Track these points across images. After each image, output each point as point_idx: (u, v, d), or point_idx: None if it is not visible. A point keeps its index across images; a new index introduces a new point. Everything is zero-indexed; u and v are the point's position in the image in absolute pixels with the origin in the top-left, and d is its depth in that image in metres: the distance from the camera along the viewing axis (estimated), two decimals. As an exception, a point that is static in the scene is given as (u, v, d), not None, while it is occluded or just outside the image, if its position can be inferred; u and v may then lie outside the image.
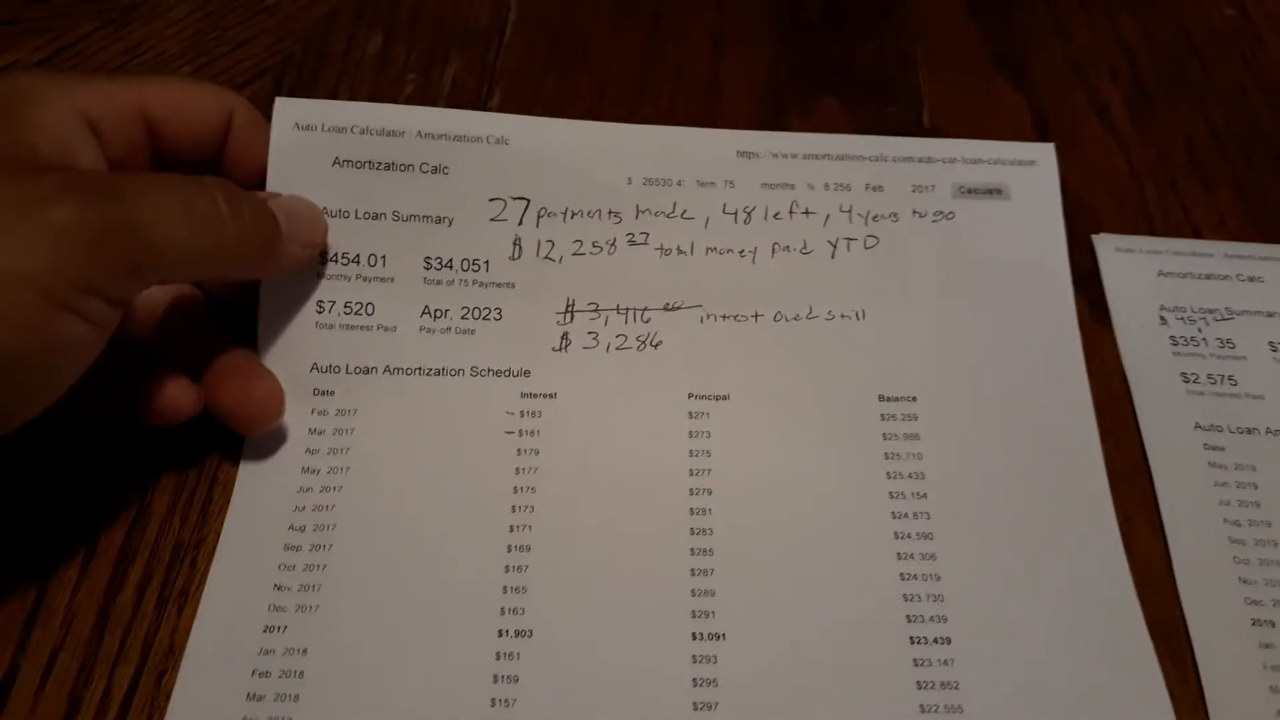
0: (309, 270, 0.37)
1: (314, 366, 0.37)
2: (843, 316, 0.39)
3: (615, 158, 0.40)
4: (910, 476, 0.36)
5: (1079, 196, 0.45)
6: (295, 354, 0.37)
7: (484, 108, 0.48)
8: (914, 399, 0.37)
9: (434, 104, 0.48)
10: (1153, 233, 0.44)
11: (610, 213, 0.40)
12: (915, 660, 0.32)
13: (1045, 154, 0.42)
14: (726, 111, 0.48)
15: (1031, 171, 0.41)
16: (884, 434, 0.37)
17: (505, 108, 0.48)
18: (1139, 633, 0.33)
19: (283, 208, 0.35)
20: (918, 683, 0.32)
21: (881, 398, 0.37)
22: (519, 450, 0.36)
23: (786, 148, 0.41)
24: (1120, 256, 0.43)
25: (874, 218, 0.40)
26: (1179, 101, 0.49)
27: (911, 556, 0.34)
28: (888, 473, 0.36)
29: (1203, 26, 0.52)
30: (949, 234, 0.40)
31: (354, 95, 0.48)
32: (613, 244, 0.39)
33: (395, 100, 0.48)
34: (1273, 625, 0.33)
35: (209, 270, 0.33)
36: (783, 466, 0.36)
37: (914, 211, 0.40)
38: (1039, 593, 0.34)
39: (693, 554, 0.34)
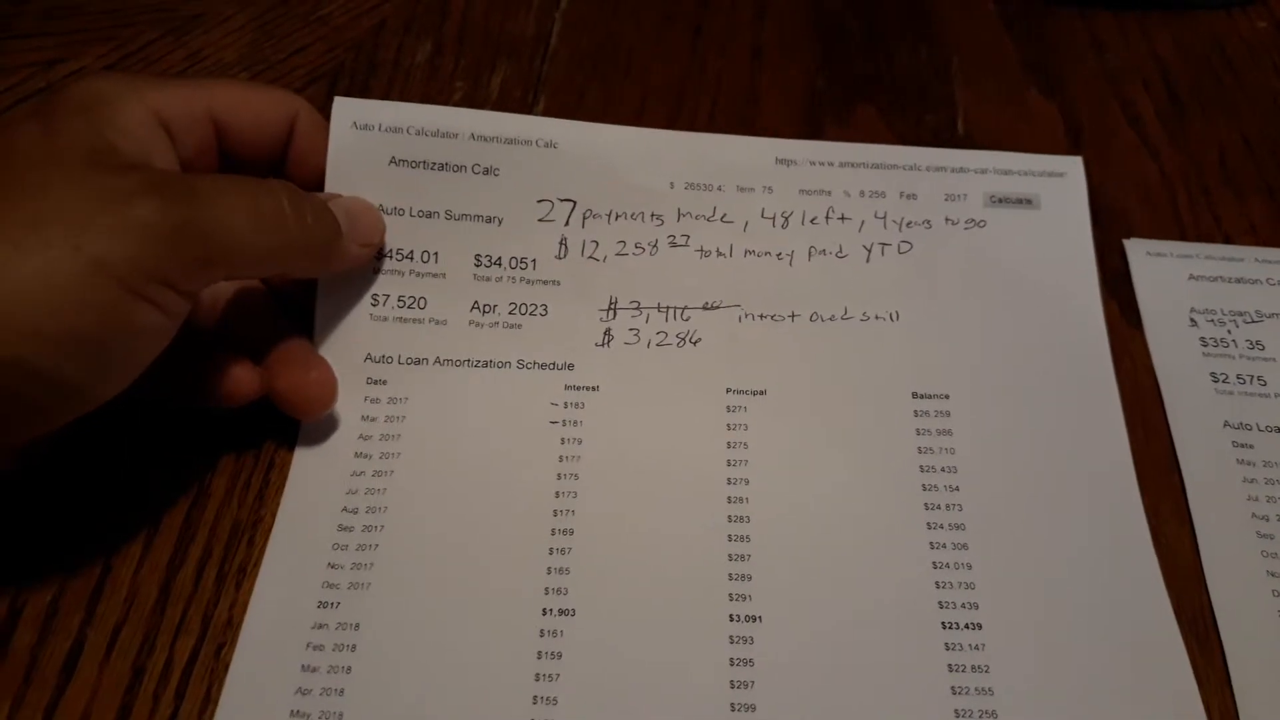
0: (365, 267, 0.39)
1: (368, 357, 0.39)
2: (876, 318, 0.40)
3: (658, 163, 0.42)
4: (943, 470, 0.37)
5: (1112, 203, 0.46)
6: (350, 345, 0.38)
7: (529, 114, 0.49)
8: (946, 396, 0.39)
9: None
10: (1184, 239, 0.45)
11: (653, 215, 0.41)
12: (947, 644, 0.33)
13: (1074, 167, 0.43)
14: (765, 120, 0.50)
15: (1061, 183, 0.43)
16: (917, 429, 0.38)
17: (550, 115, 0.49)
18: (1166, 619, 0.34)
19: (343, 208, 0.37)
20: (949, 665, 0.33)
21: (915, 395, 0.39)
22: (562, 439, 0.37)
23: (823, 156, 0.43)
24: (1151, 261, 0.44)
25: (907, 224, 0.41)
26: (1212, 112, 0.50)
27: (944, 546, 0.35)
28: (921, 466, 0.37)
29: (1235, 39, 0.53)
30: (980, 241, 0.41)
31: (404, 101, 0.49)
32: (654, 245, 0.41)
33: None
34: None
35: (273, 267, 0.35)
36: (818, 460, 0.37)
37: (946, 219, 0.42)
38: (1068, 581, 0.34)
39: (730, 540, 0.35)
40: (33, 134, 0.31)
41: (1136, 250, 0.44)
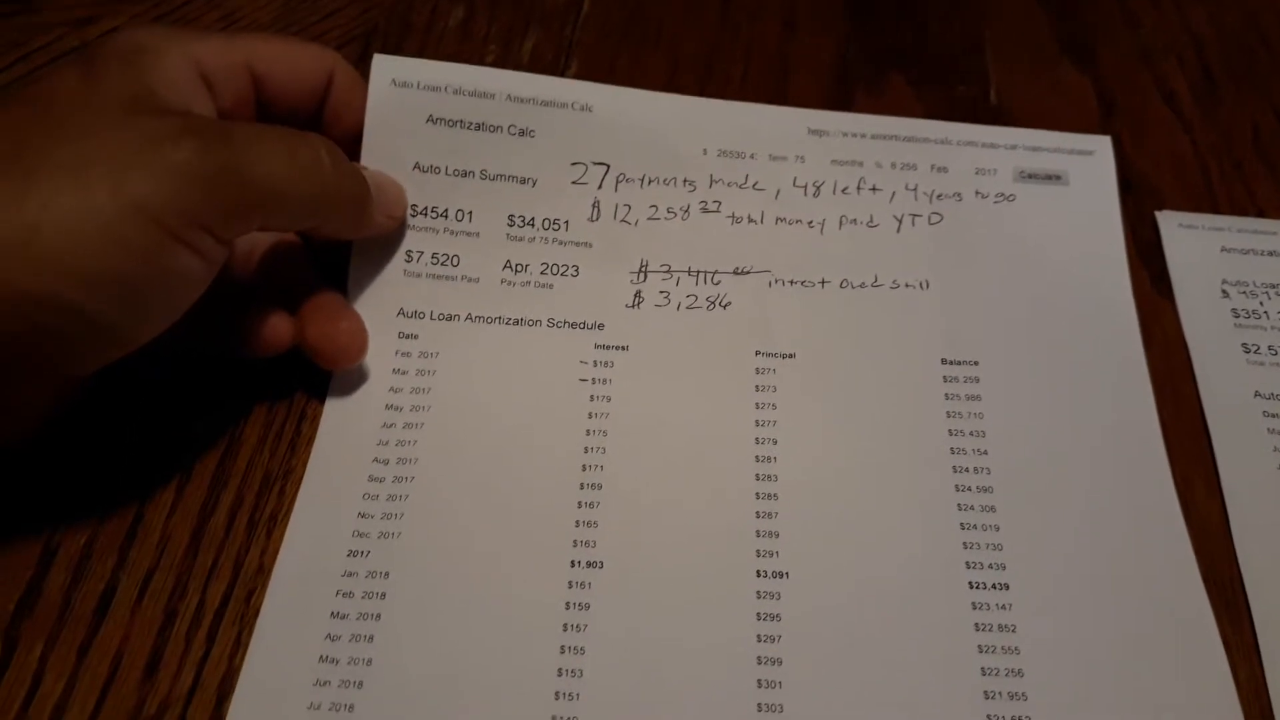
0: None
1: (400, 311, 0.39)
2: (907, 285, 0.40)
3: (692, 129, 0.42)
4: (971, 434, 0.37)
5: (1144, 176, 0.46)
6: (383, 299, 0.39)
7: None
8: (976, 363, 0.39)
9: (514, 73, 0.49)
10: (1217, 213, 0.45)
11: (685, 181, 0.41)
12: (974, 604, 0.33)
13: (1103, 145, 0.44)
14: (795, 89, 0.50)
15: (1089, 161, 0.43)
16: (946, 394, 0.38)
17: (581, 79, 0.49)
18: (1195, 587, 0.34)
19: (372, 178, 0.37)
20: (976, 625, 0.33)
21: (944, 360, 0.39)
22: (591, 397, 0.38)
23: (856, 128, 0.43)
24: (1183, 233, 0.44)
25: (938, 196, 0.42)
26: (1246, 88, 0.50)
27: (971, 508, 0.35)
28: (949, 430, 0.37)
29: (1271, 13, 0.53)
30: (1010, 214, 0.42)
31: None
32: (686, 210, 0.41)
33: (477, 70, 0.49)
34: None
35: (308, 218, 0.35)
36: (846, 423, 0.37)
37: (976, 192, 0.42)
38: (1095, 547, 0.35)
39: (758, 498, 0.36)
40: (74, 81, 0.31)
41: (1169, 222, 0.44)
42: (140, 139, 0.30)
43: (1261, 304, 0.41)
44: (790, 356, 0.39)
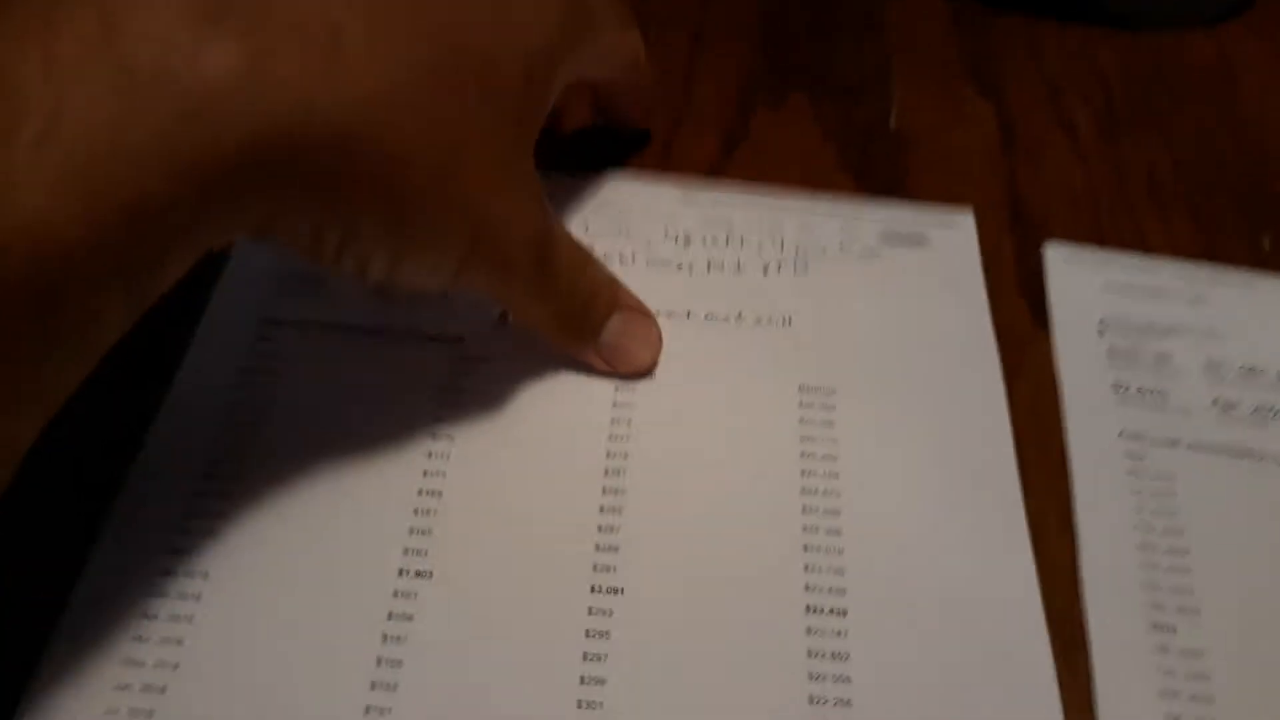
0: None
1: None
2: (770, 321, 0.40)
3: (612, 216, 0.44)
4: (824, 457, 0.36)
5: (1036, 206, 0.45)
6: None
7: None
8: (833, 390, 0.38)
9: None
10: (1103, 246, 0.44)
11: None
12: (809, 629, 0.33)
13: (964, 221, 0.44)
14: (699, 102, 0.49)
15: (952, 232, 0.44)
16: (801, 419, 0.37)
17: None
18: (1037, 628, 0.33)
19: (630, 332, 0.38)
20: (809, 650, 0.32)
21: (801, 387, 0.38)
22: (434, 437, 0.36)
23: (726, 198, 0.44)
24: (1068, 266, 0.43)
25: (804, 250, 0.43)
26: (1146, 132, 0.49)
27: (816, 530, 0.35)
28: (801, 452, 0.36)
29: (1178, 64, 0.53)
30: (875, 267, 0.42)
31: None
32: None
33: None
34: (1173, 631, 0.33)
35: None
36: (702, 447, 0.37)
37: (841, 246, 0.43)
38: (939, 578, 0.34)
39: (600, 531, 0.34)
40: None
41: (1055, 254, 0.44)
42: None
43: (1137, 344, 0.41)
44: (650, 382, 0.38)
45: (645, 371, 0.38)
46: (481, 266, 0.31)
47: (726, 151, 0.47)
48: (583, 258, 0.36)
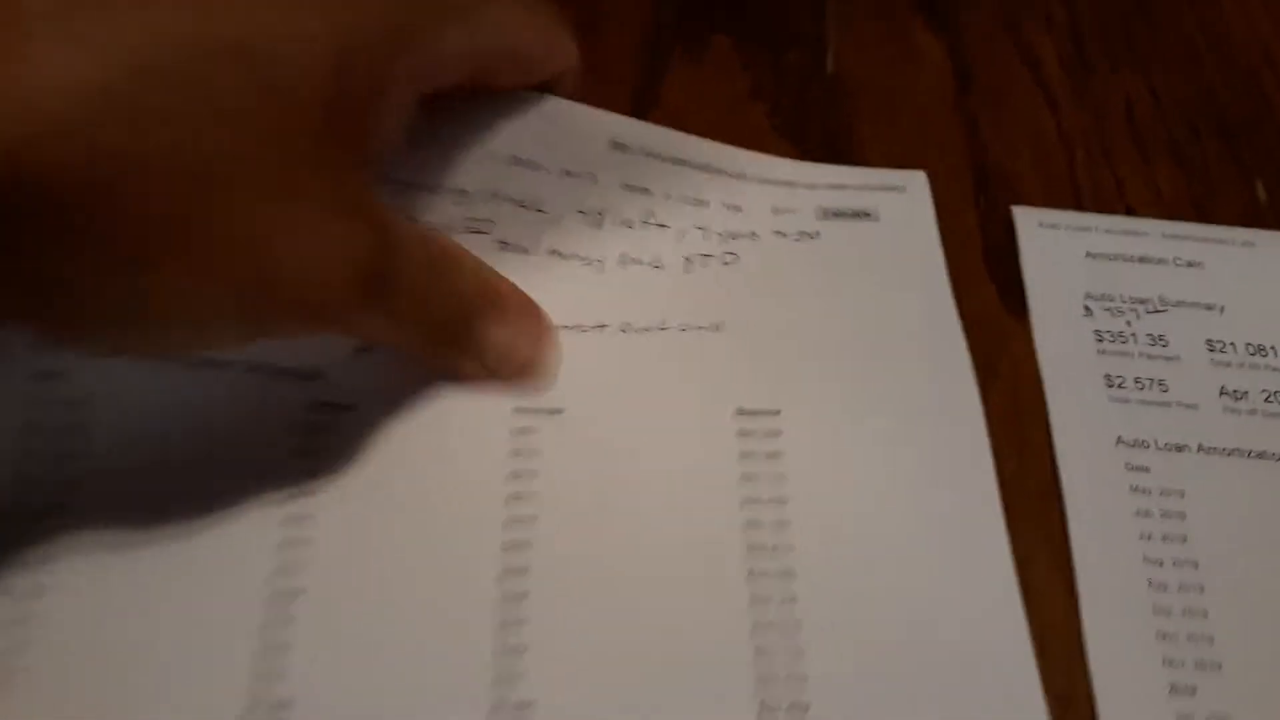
0: None
1: None
2: (698, 328, 0.33)
3: (482, 124, 0.34)
4: (771, 502, 0.30)
5: (1000, 162, 0.39)
6: None
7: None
8: (777, 412, 0.31)
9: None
10: (1080, 206, 0.38)
11: (459, 190, 0.33)
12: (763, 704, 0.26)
13: (915, 182, 0.37)
14: (604, 52, 0.42)
15: (901, 198, 0.37)
16: (741, 451, 0.31)
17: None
18: (1032, 699, 0.27)
19: (521, 340, 0.32)
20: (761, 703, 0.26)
21: (740, 411, 0.31)
22: (300, 474, 0.30)
23: (657, 146, 0.36)
24: (1043, 233, 0.37)
25: (732, 236, 0.35)
26: (1121, 60, 0.43)
27: (768, 601, 0.28)
28: (744, 498, 0.30)
29: (1152, -26, 0.46)
30: (814, 252, 0.35)
31: None
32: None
33: None
34: (1192, 693, 0.28)
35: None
36: (620, 490, 0.30)
37: (775, 231, 0.35)
38: (912, 640, 0.28)
39: (506, 574, 0.28)
40: None
41: (1026, 220, 0.37)
42: None
43: (1129, 323, 0.35)
44: (556, 412, 0.31)
45: (540, 375, 0.32)
46: (284, 316, 0.24)
47: (638, 112, 0.40)
48: (443, 260, 0.29)
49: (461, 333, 0.30)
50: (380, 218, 0.26)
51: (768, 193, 0.36)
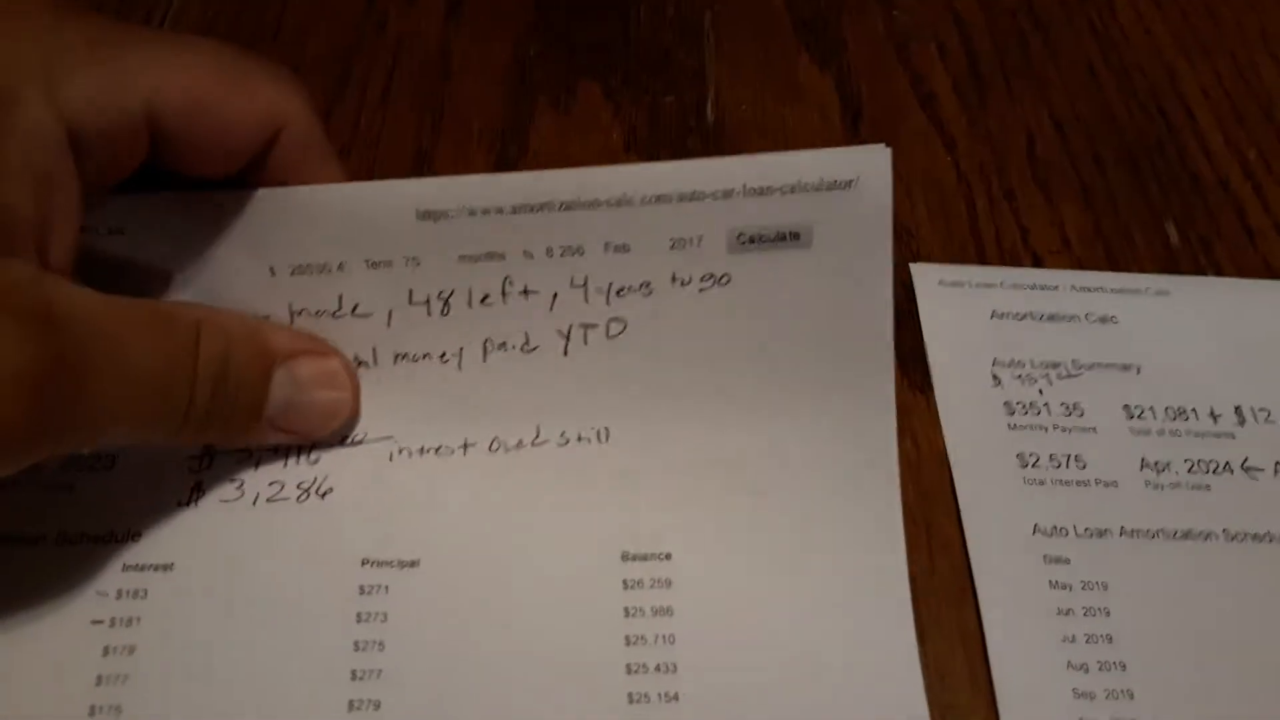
0: None
1: None
2: (580, 439, 0.29)
3: (250, 239, 0.28)
4: (659, 670, 0.26)
5: (895, 215, 0.35)
6: None
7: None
8: (667, 556, 0.28)
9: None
10: (983, 258, 0.35)
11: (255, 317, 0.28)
12: None
13: (871, 165, 0.27)
14: (458, 103, 0.38)
15: (846, 201, 0.27)
16: (626, 608, 0.27)
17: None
18: None
19: (303, 380, 0.27)
20: None
21: (626, 555, 0.28)
22: (106, 649, 0.26)
23: (487, 199, 0.27)
24: (944, 292, 0.34)
25: (618, 292, 0.28)
26: (1019, 86, 0.40)
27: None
28: (629, 665, 0.26)
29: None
30: (723, 306, 0.29)
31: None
32: None
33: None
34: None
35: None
36: (481, 660, 0.26)
37: (674, 278, 0.28)
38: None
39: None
40: None
41: (925, 279, 0.34)
42: None
43: (1041, 391, 0.32)
44: (412, 565, 0.27)
45: (345, 419, 0.28)
46: None
47: (499, 171, 0.36)
48: (175, 335, 0.24)
49: (237, 406, 0.26)
50: (40, 308, 0.21)
51: (663, 216, 0.27)
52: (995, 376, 0.32)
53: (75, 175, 0.23)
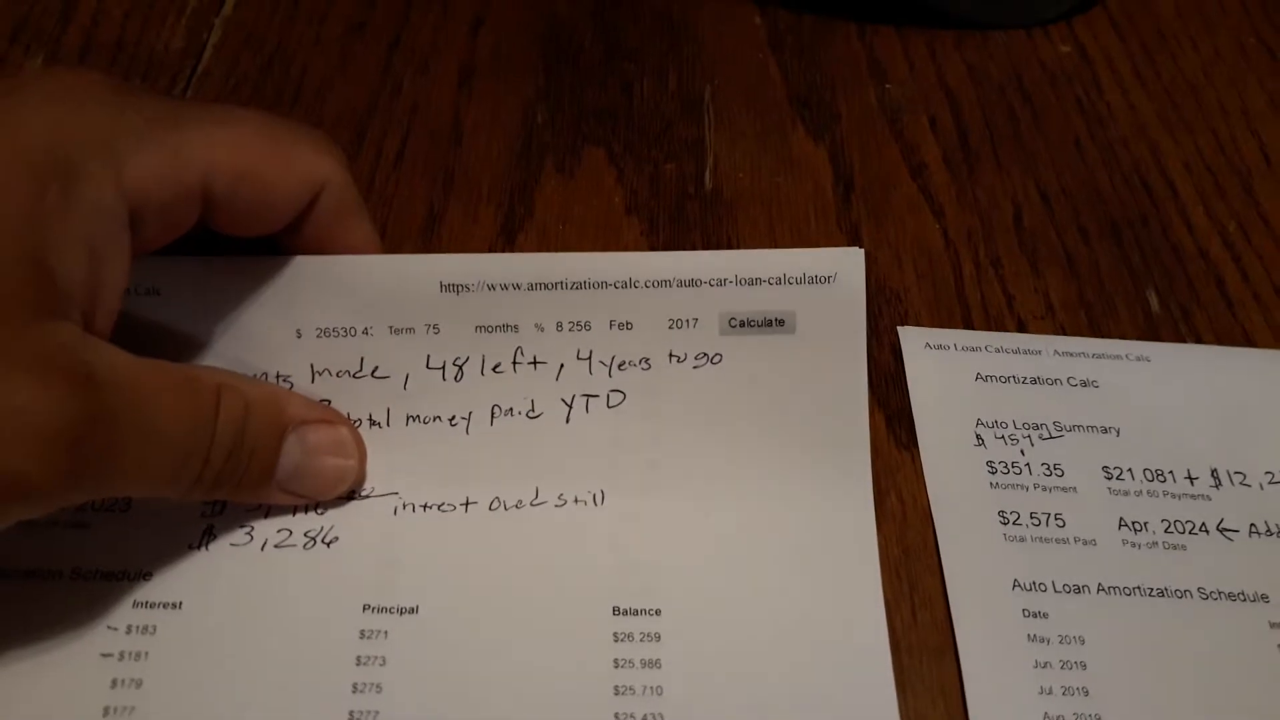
0: None
1: None
2: (577, 500, 0.30)
3: (279, 302, 0.30)
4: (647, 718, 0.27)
5: (885, 278, 0.37)
6: None
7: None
8: (657, 612, 0.29)
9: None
10: (969, 323, 0.36)
11: (278, 376, 0.30)
12: None
13: (848, 264, 0.30)
14: (467, 166, 0.40)
15: (826, 293, 0.31)
16: (616, 660, 0.28)
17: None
18: None
19: (312, 447, 0.29)
20: None
21: (616, 610, 0.29)
22: (114, 681, 0.27)
23: (505, 275, 0.30)
24: (931, 355, 0.35)
25: (620, 366, 0.31)
26: (1007, 158, 0.42)
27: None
28: (617, 715, 0.27)
29: (1035, 66, 0.45)
30: (715, 382, 0.31)
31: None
32: None
33: None
34: None
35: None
36: (476, 702, 0.27)
37: (671, 355, 0.31)
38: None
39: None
40: None
41: (913, 341, 0.35)
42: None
43: (1023, 453, 0.33)
44: (411, 612, 0.28)
45: (351, 485, 0.30)
46: None
47: (506, 230, 0.38)
48: (198, 400, 0.26)
49: (247, 468, 0.27)
50: (82, 370, 0.23)
51: (664, 299, 0.31)
52: (979, 436, 0.33)
53: (128, 249, 0.25)
